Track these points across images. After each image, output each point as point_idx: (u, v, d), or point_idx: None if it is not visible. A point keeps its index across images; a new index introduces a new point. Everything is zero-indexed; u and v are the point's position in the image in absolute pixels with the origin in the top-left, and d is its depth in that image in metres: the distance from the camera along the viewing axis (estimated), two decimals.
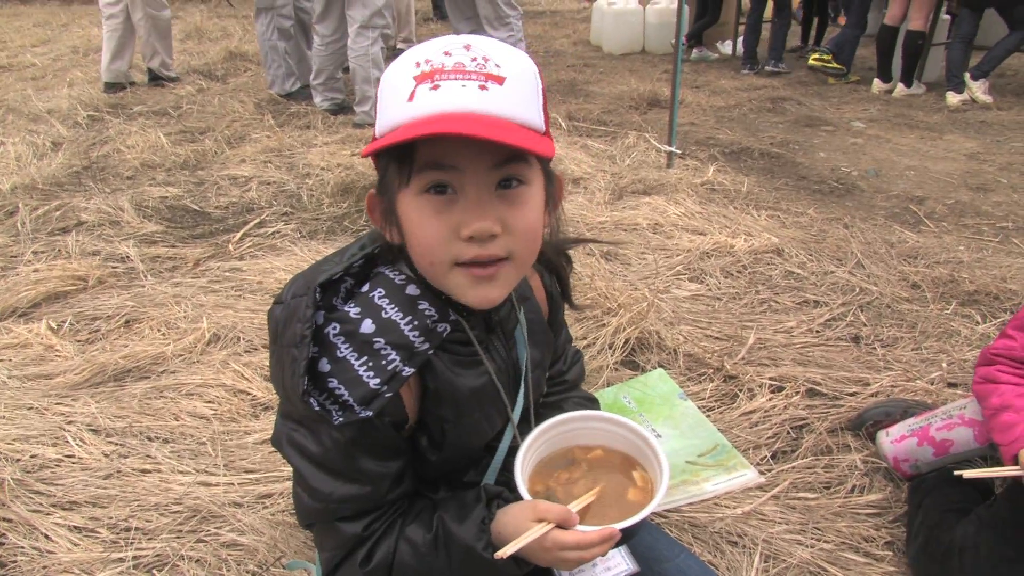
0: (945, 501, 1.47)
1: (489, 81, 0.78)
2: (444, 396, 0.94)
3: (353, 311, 0.87)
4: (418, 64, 0.79)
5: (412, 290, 0.90)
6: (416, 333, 0.88)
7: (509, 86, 0.79)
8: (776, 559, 1.47)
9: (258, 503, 1.62)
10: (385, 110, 0.82)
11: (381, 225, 0.90)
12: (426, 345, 0.89)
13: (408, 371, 0.87)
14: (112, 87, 5.53)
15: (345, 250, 0.94)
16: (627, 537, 0.92)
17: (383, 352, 0.86)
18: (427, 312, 0.89)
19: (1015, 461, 1.23)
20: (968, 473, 1.26)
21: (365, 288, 0.90)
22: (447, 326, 0.91)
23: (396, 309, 0.88)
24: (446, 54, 0.78)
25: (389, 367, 0.85)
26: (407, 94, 0.78)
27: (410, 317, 0.88)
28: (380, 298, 0.88)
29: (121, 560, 1.48)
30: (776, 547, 1.50)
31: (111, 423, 1.87)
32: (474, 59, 0.78)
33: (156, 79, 5.77)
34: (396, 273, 0.92)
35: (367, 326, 0.86)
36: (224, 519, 1.56)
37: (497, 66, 0.79)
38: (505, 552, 0.85)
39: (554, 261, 1.10)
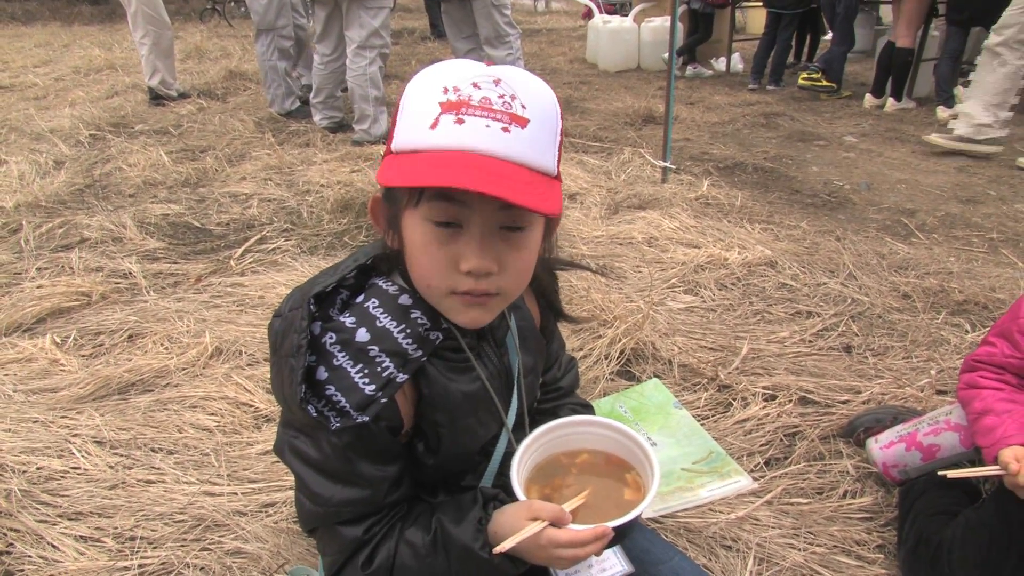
0: (934, 504, 1.50)
1: (513, 123, 0.79)
2: (438, 401, 0.97)
3: (348, 321, 0.91)
4: (445, 90, 0.79)
5: (405, 300, 0.93)
6: (409, 341, 0.91)
7: (531, 129, 0.80)
8: (769, 562, 1.50)
9: (261, 512, 1.64)
10: (405, 128, 0.82)
11: (383, 229, 0.94)
12: (419, 352, 0.92)
13: (402, 377, 0.91)
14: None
15: (339, 264, 0.97)
16: (620, 536, 0.95)
17: (378, 359, 0.89)
18: (419, 321, 0.93)
19: (997, 462, 1.27)
20: (952, 473, 1.30)
21: (360, 299, 0.94)
22: (439, 334, 0.95)
23: (390, 318, 0.91)
24: (475, 86, 0.79)
25: (384, 374, 0.89)
26: (430, 120, 0.79)
27: (403, 326, 0.91)
28: (374, 308, 0.92)
29: (127, 569, 1.50)
30: (769, 551, 1.53)
31: (116, 435, 1.90)
32: (501, 96, 0.79)
33: (157, 98, 5.84)
34: (390, 284, 0.95)
35: (362, 335, 0.90)
36: (228, 528, 1.59)
37: (523, 106, 0.80)
38: (501, 548, 0.88)
39: (543, 281, 1.13)
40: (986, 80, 4.11)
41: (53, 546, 1.56)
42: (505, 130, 0.79)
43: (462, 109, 0.78)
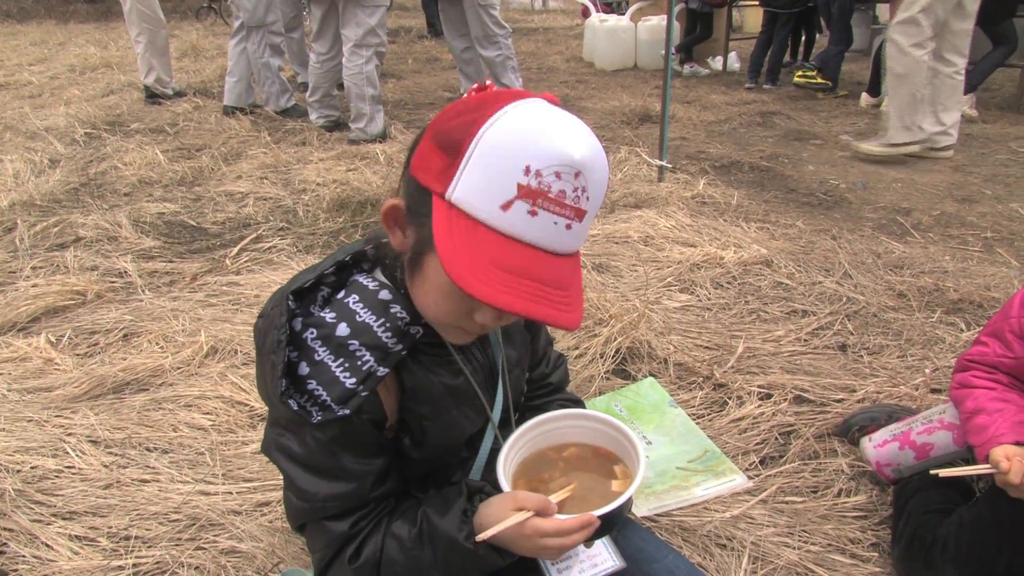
0: (928, 503, 1.50)
1: (575, 219, 0.79)
2: (421, 394, 0.98)
3: (329, 316, 0.92)
4: (527, 171, 0.75)
5: (384, 295, 0.94)
6: (389, 335, 0.92)
7: (586, 220, 0.81)
8: (764, 561, 1.51)
9: (256, 511, 1.64)
10: (473, 190, 0.77)
11: (391, 229, 0.91)
12: (399, 346, 0.93)
13: (383, 371, 0.91)
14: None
15: (320, 263, 0.98)
16: (608, 526, 0.95)
17: (358, 353, 0.90)
18: (399, 315, 0.93)
19: (988, 461, 1.27)
20: (944, 472, 1.30)
21: (340, 295, 0.95)
22: (419, 328, 0.95)
23: (369, 313, 0.92)
24: (557, 175, 0.76)
25: (364, 367, 0.90)
26: (505, 198, 0.76)
27: (382, 320, 0.92)
28: (354, 303, 0.93)
29: (121, 568, 1.50)
30: (764, 549, 1.53)
31: (110, 434, 1.90)
32: (575, 190, 0.78)
33: (152, 96, 5.82)
34: (370, 279, 0.96)
35: (342, 329, 0.91)
36: (223, 527, 1.59)
37: (588, 199, 0.80)
38: (484, 536, 0.89)
39: None
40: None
41: (47, 545, 1.55)
42: (568, 228, 0.79)
43: (538, 201, 0.76)
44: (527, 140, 0.76)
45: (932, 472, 1.32)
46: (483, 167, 0.76)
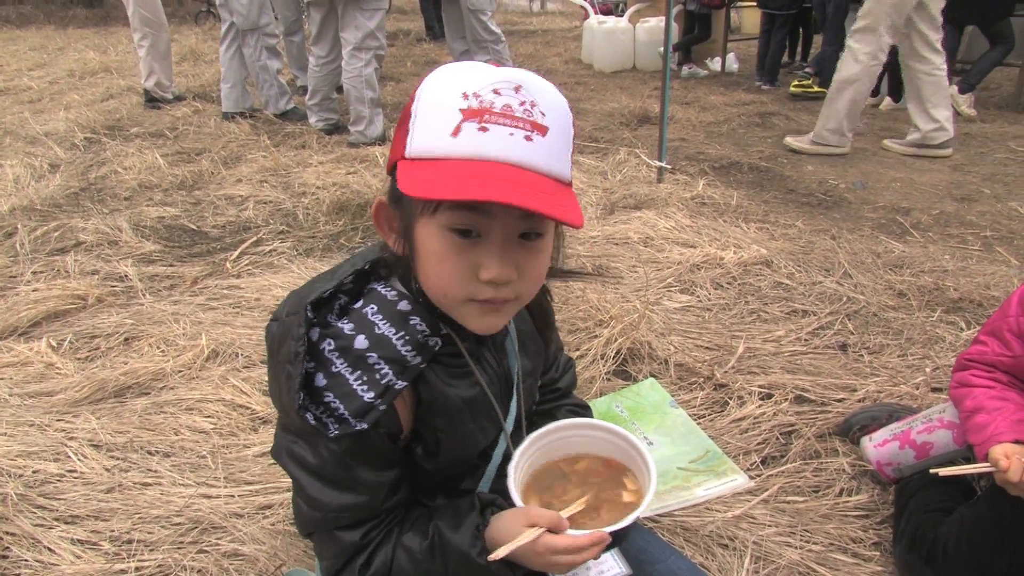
0: (929, 501, 1.51)
1: (534, 131, 0.78)
2: (437, 406, 0.96)
3: (347, 327, 0.90)
4: (465, 96, 0.77)
5: (404, 306, 0.92)
6: (408, 348, 0.90)
7: (550, 137, 0.80)
8: (766, 560, 1.51)
9: (258, 513, 1.64)
10: (423, 134, 0.80)
11: (387, 233, 0.92)
12: (418, 359, 0.91)
13: (401, 384, 0.90)
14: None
15: (337, 269, 0.96)
16: (618, 540, 0.95)
17: (376, 366, 0.88)
18: (418, 327, 0.92)
19: (988, 459, 1.27)
20: (944, 471, 1.30)
21: (358, 305, 0.93)
22: (438, 340, 0.94)
23: (388, 325, 0.90)
24: (496, 92, 0.77)
25: (383, 381, 0.88)
26: (451, 127, 0.77)
27: (402, 332, 0.90)
28: (373, 314, 0.91)
29: (123, 572, 1.50)
30: (766, 549, 1.53)
31: (112, 438, 1.90)
32: (522, 103, 0.78)
33: (152, 100, 5.83)
34: (388, 289, 0.94)
35: (361, 341, 0.89)
36: (225, 530, 1.59)
37: (542, 114, 0.79)
38: (497, 555, 0.87)
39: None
40: (912, 89, 4.36)
41: (49, 549, 1.55)
42: (528, 139, 0.78)
43: (485, 116, 0.76)
44: (459, 74, 0.80)
45: (932, 471, 1.33)
46: (426, 111, 0.80)
